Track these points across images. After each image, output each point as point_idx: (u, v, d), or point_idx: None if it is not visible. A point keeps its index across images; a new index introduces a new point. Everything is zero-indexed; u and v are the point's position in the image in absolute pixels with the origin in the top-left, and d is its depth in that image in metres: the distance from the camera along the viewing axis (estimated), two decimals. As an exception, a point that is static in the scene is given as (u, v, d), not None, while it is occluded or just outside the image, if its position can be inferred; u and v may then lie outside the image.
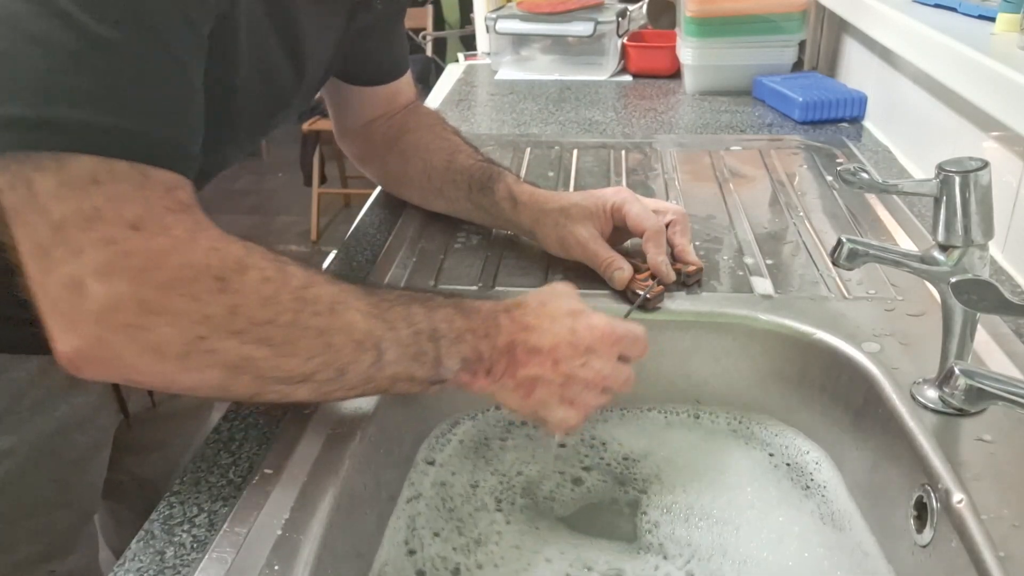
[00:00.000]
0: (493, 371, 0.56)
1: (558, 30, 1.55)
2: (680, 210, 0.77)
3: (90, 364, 0.46)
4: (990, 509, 0.49)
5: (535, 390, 0.57)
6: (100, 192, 0.45)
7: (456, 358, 0.55)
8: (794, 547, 0.59)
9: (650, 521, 0.62)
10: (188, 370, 0.47)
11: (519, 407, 0.58)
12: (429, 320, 0.54)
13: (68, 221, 0.44)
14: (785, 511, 0.62)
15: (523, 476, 0.67)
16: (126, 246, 0.45)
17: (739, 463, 0.68)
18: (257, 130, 0.71)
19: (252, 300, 0.48)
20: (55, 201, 0.44)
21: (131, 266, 0.45)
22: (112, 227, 0.45)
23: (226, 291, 0.47)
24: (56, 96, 0.44)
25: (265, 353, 0.48)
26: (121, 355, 0.46)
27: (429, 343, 0.54)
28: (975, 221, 0.54)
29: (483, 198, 0.82)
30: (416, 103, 0.92)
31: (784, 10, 1.36)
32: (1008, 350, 0.64)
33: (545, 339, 0.56)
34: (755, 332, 0.70)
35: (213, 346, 0.47)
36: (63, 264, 0.44)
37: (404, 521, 0.62)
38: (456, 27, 3.74)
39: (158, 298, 0.46)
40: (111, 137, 0.45)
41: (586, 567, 0.59)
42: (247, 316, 0.48)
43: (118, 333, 0.45)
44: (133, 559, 0.49)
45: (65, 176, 0.44)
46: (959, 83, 0.84)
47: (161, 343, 0.46)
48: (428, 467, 0.67)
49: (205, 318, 0.47)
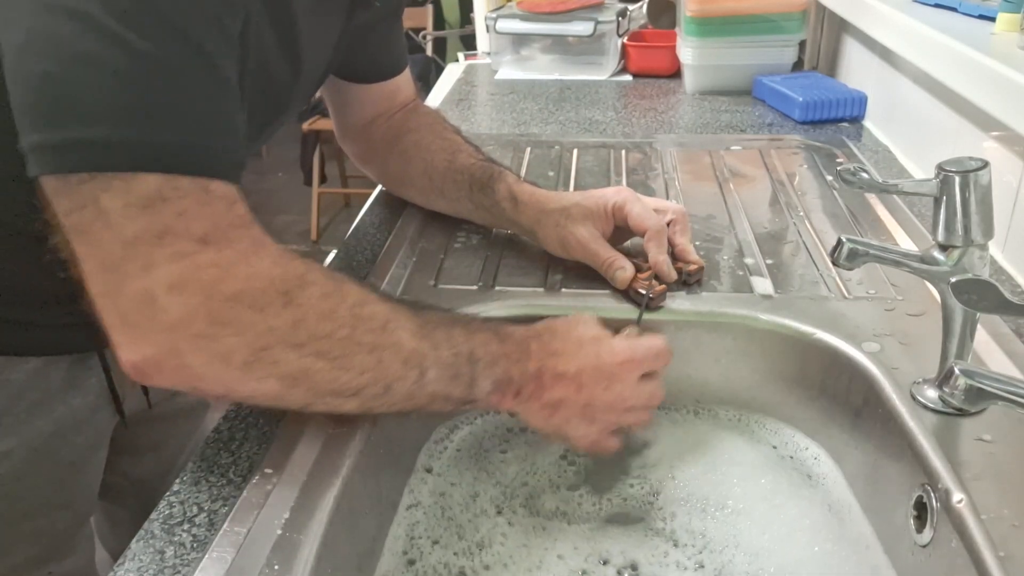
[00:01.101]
0: (521, 394, 0.59)
1: (558, 30, 1.55)
2: (681, 209, 0.77)
3: (159, 372, 0.48)
4: (990, 509, 0.49)
5: (559, 411, 0.60)
6: (168, 209, 0.46)
7: (489, 380, 0.57)
8: (802, 540, 0.59)
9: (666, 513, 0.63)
10: (249, 380, 0.49)
11: (543, 426, 0.61)
12: (468, 343, 0.57)
13: (139, 238, 0.46)
14: (789, 506, 0.62)
15: (528, 487, 0.66)
16: (197, 260, 0.47)
17: (745, 456, 0.68)
18: (256, 135, 0.70)
19: (313, 314, 0.50)
20: (125, 220, 0.46)
21: (202, 279, 0.47)
22: (182, 242, 0.47)
23: (290, 305, 0.49)
24: (112, 116, 0.45)
25: (322, 366, 0.50)
26: (190, 364, 0.48)
27: (467, 365, 0.56)
28: (975, 221, 0.54)
29: (484, 198, 0.82)
30: (416, 102, 0.92)
31: (784, 10, 1.36)
32: (1008, 350, 0.64)
33: (571, 365, 0.59)
34: (755, 332, 0.70)
35: (275, 357, 0.49)
36: (136, 279, 0.46)
37: (404, 529, 0.62)
38: (456, 27, 3.74)
39: (227, 310, 0.47)
40: (172, 153, 0.47)
41: (602, 560, 0.60)
42: (308, 330, 0.50)
43: (189, 343, 0.47)
44: (133, 559, 0.49)
45: (133, 195, 0.46)
46: (959, 83, 0.84)
47: (228, 352, 0.48)
48: (427, 475, 0.67)
49: (269, 330, 0.49)
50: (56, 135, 0.45)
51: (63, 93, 0.45)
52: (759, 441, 0.70)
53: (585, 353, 0.60)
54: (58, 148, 0.45)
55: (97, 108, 0.45)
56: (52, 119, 0.45)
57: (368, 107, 0.89)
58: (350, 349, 0.51)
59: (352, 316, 0.52)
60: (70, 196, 0.46)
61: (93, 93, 0.45)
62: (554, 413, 0.60)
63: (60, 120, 0.45)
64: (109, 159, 0.45)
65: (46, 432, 0.71)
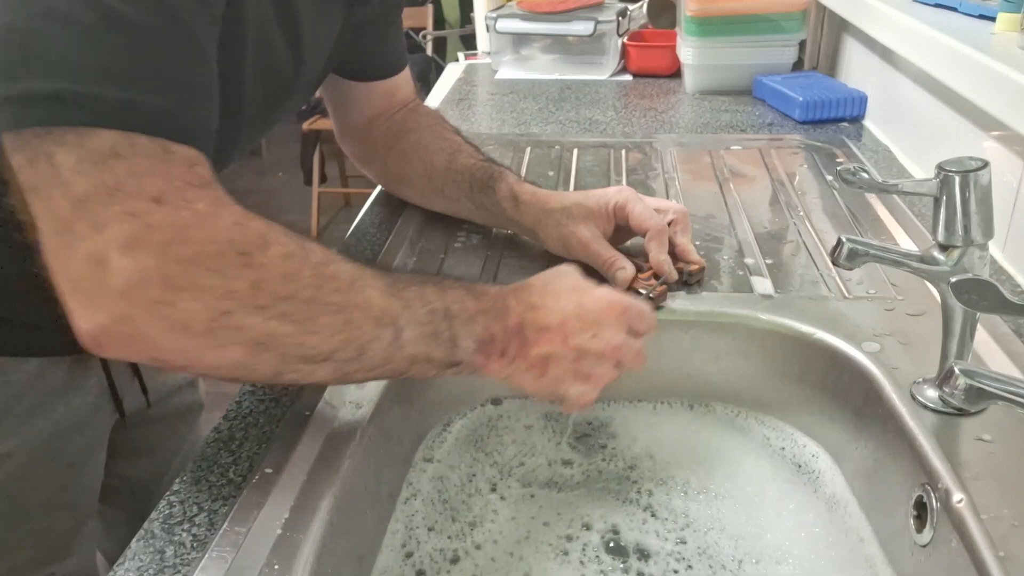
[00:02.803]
0: (506, 352, 0.56)
1: (558, 29, 1.55)
2: (682, 209, 0.77)
3: (114, 341, 0.45)
4: (990, 509, 0.49)
5: (549, 368, 0.57)
6: (122, 166, 0.44)
7: (470, 339, 0.54)
8: (802, 538, 0.59)
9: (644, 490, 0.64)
10: (212, 347, 0.46)
11: (536, 387, 0.58)
12: (442, 300, 0.54)
13: (90, 196, 0.43)
14: (787, 509, 0.62)
15: (524, 467, 0.67)
16: (149, 220, 0.44)
17: (739, 449, 0.68)
18: (260, 125, 0.70)
19: (275, 275, 0.48)
20: (77, 176, 0.43)
21: (156, 240, 0.44)
22: (135, 201, 0.44)
23: (250, 266, 0.47)
24: (75, 71, 0.44)
25: (288, 329, 0.48)
26: (146, 332, 0.45)
27: (444, 322, 0.53)
28: (975, 221, 0.54)
29: (485, 197, 0.82)
30: (416, 102, 0.92)
31: (784, 9, 1.36)
32: (1008, 350, 0.64)
33: (553, 316, 0.57)
34: (755, 332, 0.70)
35: (238, 322, 0.46)
36: (86, 239, 0.44)
37: (402, 523, 0.62)
38: (456, 26, 3.74)
39: (183, 272, 0.45)
40: (132, 112, 0.45)
41: (584, 526, 0.60)
42: (270, 291, 0.47)
43: (143, 309, 0.44)
44: (133, 558, 0.49)
45: (86, 150, 0.44)
46: (959, 83, 0.84)
47: (186, 319, 0.45)
48: (427, 464, 0.68)
49: (229, 293, 0.46)
50: (15, 88, 0.43)
51: (27, 46, 0.44)
52: (756, 440, 0.70)
53: (566, 302, 0.58)
54: (15, 101, 0.43)
55: (60, 62, 0.44)
56: (12, 72, 0.43)
57: (367, 106, 0.89)
58: (316, 310, 0.49)
59: (316, 275, 0.49)
60: (25, 151, 0.44)
61: (57, 47, 0.44)
62: (544, 371, 0.57)
63: (21, 73, 0.43)
64: (65, 113, 0.43)
65: (47, 433, 0.71)
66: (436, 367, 0.54)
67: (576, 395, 0.58)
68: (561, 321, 0.57)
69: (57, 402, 0.71)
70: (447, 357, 0.54)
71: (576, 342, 0.57)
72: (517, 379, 0.57)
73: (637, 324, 0.60)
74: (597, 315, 0.57)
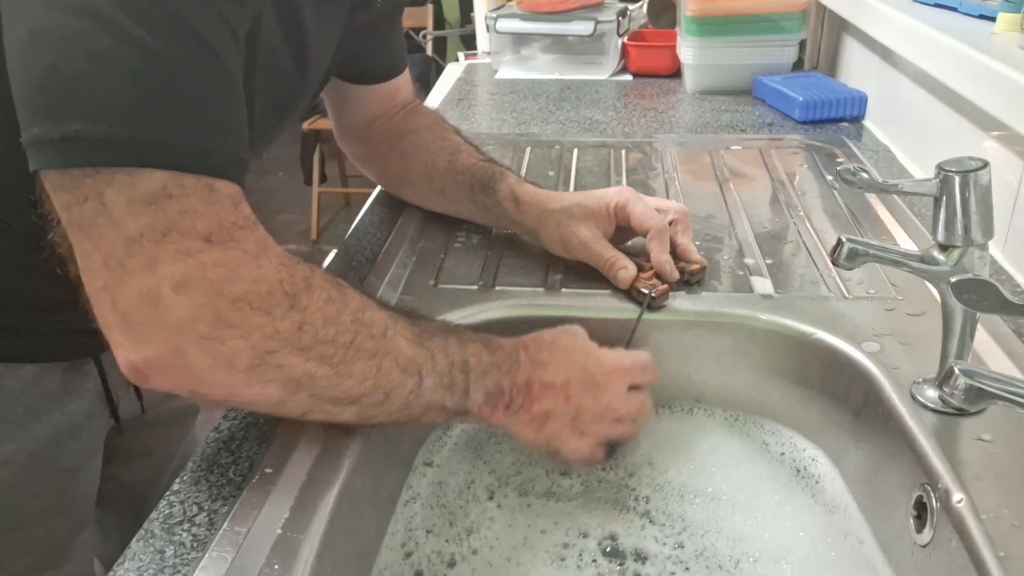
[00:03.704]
0: (511, 406, 0.59)
1: (558, 29, 1.55)
2: (683, 209, 0.77)
3: (160, 374, 0.47)
4: (990, 509, 0.49)
5: (548, 423, 0.60)
6: (173, 206, 0.46)
7: (481, 391, 0.57)
8: (800, 536, 0.59)
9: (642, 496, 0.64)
10: (252, 384, 0.48)
11: (532, 439, 0.61)
12: (462, 353, 0.57)
13: (143, 234, 0.45)
14: (787, 508, 0.62)
15: (521, 476, 0.67)
16: (203, 259, 0.46)
17: (737, 453, 0.68)
18: (264, 139, 0.71)
19: (318, 318, 0.50)
20: (128, 216, 0.45)
21: (209, 278, 0.46)
22: (187, 240, 0.46)
23: (295, 308, 0.49)
24: (121, 114, 0.45)
25: (325, 372, 0.50)
26: (194, 366, 0.46)
27: (461, 374, 0.56)
28: (975, 221, 0.54)
29: (485, 198, 0.82)
30: (416, 103, 0.92)
31: (784, 9, 1.36)
32: (1008, 350, 0.64)
33: (558, 375, 0.60)
34: (755, 332, 0.70)
35: (280, 361, 0.48)
36: (139, 276, 0.45)
37: (402, 524, 0.62)
38: (456, 26, 3.74)
39: (233, 311, 0.46)
40: (177, 151, 0.46)
41: (582, 534, 0.61)
42: (312, 334, 0.49)
43: (193, 344, 0.46)
44: (133, 558, 0.49)
45: (138, 191, 0.45)
46: (959, 83, 0.84)
47: (232, 355, 0.47)
48: (427, 468, 0.68)
49: (275, 333, 0.48)
50: (60, 129, 0.44)
51: (69, 87, 0.44)
52: (755, 441, 0.70)
53: (572, 363, 0.61)
54: (61, 142, 0.44)
55: (103, 104, 0.44)
56: (56, 113, 0.44)
57: (367, 108, 0.89)
58: (352, 355, 0.51)
59: (354, 321, 0.51)
60: (72, 191, 0.45)
61: (100, 89, 0.44)
62: (543, 426, 0.60)
63: (65, 114, 0.44)
64: (114, 154, 0.44)
65: (44, 438, 0.71)
66: (446, 415, 0.57)
67: (571, 448, 0.61)
68: (565, 380, 0.60)
69: (53, 407, 0.71)
70: (458, 407, 0.57)
71: (576, 402, 0.60)
72: (516, 429, 0.60)
73: (639, 380, 0.63)
74: (599, 378, 0.61)
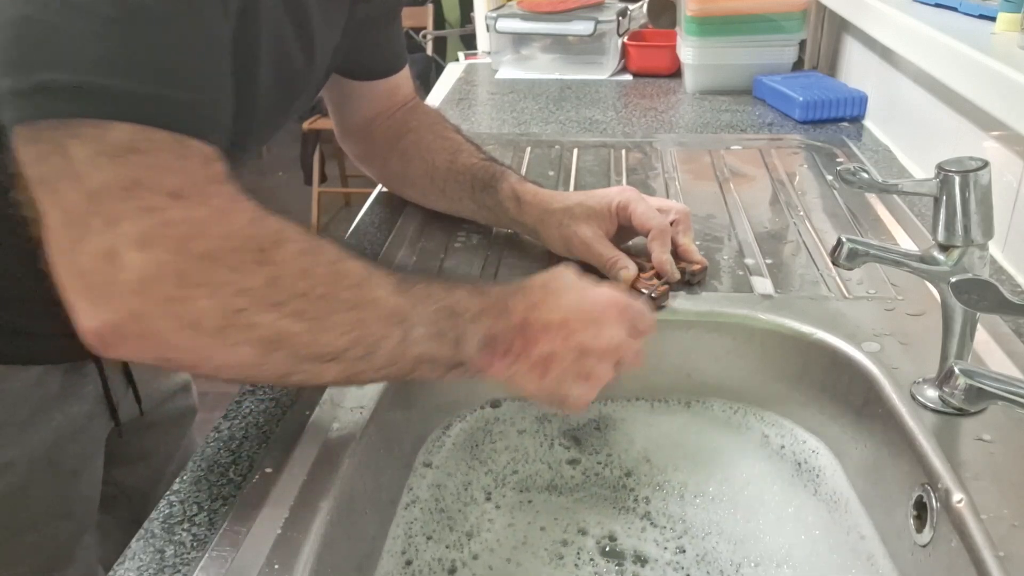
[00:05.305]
0: (510, 351, 0.55)
1: (558, 29, 1.55)
2: (684, 209, 0.77)
3: (122, 340, 0.44)
4: (990, 509, 0.49)
5: (551, 368, 0.55)
6: (140, 161, 0.43)
7: (475, 338, 0.53)
8: (802, 535, 0.59)
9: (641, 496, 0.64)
10: (224, 346, 0.45)
11: (537, 389, 0.56)
12: (448, 298, 0.53)
13: (106, 190, 0.42)
14: (788, 509, 0.62)
15: (517, 474, 0.67)
16: (166, 215, 0.43)
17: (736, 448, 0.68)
18: (270, 126, 0.70)
19: (290, 272, 0.47)
20: (92, 169, 0.42)
21: (172, 235, 0.43)
22: (152, 196, 0.43)
23: (266, 263, 0.46)
24: (94, 63, 0.43)
25: (300, 328, 0.47)
26: (157, 329, 0.44)
27: (449, 321, 0.52)
28: (975, 221, 0.54)
29: (487, 197, 0.81)
30: (416, 101, 0.92)
31: (784, 9, 1.36)
32: (1008, 350, 0.64)
33: (555, 313, 0.56)
34: (755, 332, 0.70)
35: (251, 319, 0.45)
36: (98, 234, 0.42)
37: (402, 529, 0.62)
38: (456, 26, 3.74)
39: (199, 269, 0.44)
40: (151, 105, 0.44)
41: (580, 531, 0.60)
42: (285, 288, 0.46)
43: (156, 306, 0.43)
44: (133, 558, 0.49)
45: (103, 144, 0.43)
46: (959, 83, 0.84)
47: (199, 316, 0.44)
48: (426, 470, 0.67)
49: (245, 290, 0.45)
50: (29, 79, 0.42)
51: (42, 36, 0.42)
52: (755, 437, 0.70)
53: (568, 299, 0.57)
54: (29, 93, 0.42)
55: (76, 53, 0.42)
56: (27, 63, 0.42)
57: (367, 106, 0.89)
58: (329, 308, 0.48)
59: (330, 273, 0.48)
60: (37, 144, 0.43)
61: (73, 38, 0.43)
62: (546, 371, 0.55)
63: (35, 64, 0.42)
64: (81, 105, 0.42)
65: (47, 442, 0.70)
66: (440, 368, 0.53)
67: (577, 396, 0.57)
68: (563, 318, 0.56)
69: (55, 410, 0.71)
70: (452, 357, 0.53)
71: (578, 340, 0.56)
72: (519, 380, 0.56)
73: (638, 323, 0.59)
74: (598, 313, 0.57)
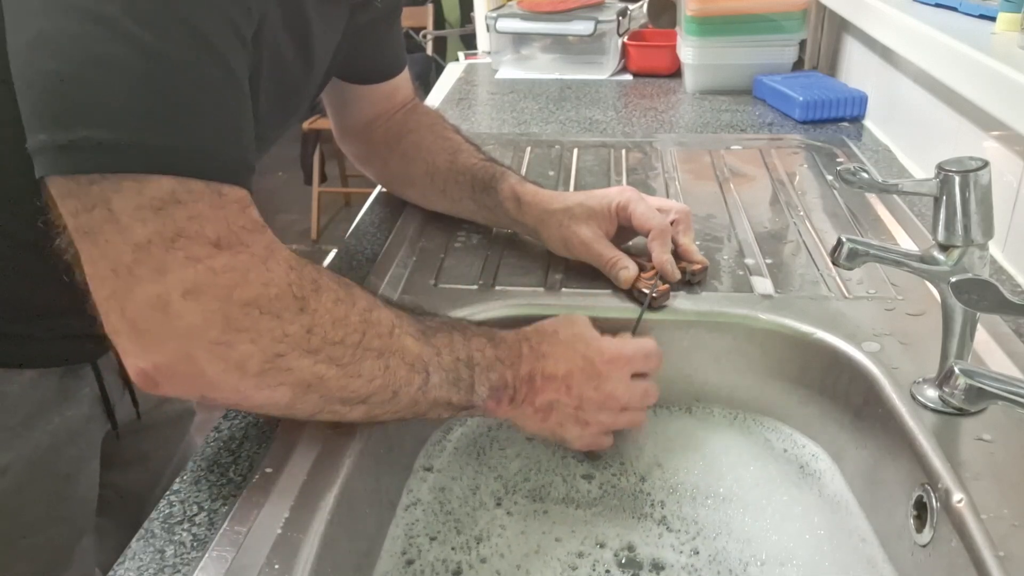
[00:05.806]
0: (515, 398, 0.59)
1: (558, 29, 1.55)
2: (684, 209, 0.77)
3: (170, 379, 0.47)
4: (990, 509, 0.49)
5: (552, 414, 0.61)
6: (181, 212, 0.45)
7: (486, 385, 0.58)
8: (803, 535, 0.59)
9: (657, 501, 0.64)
10: (263, 387, 0.48)
11: (537, 430, 0.62)
12: (467, 348, 0.57)
13: (151, 241, 0.45)
14: (796, 509, 0.62)
15: (529, 483, 0.66)
16: (212, 264, 0.46)
17: (739, 451, 0.68)
18: (268, 140, 0.70)
19: (327, 320, 0.50)
20: (135, 222, 0.45)
21: (217, 284, 0.46)
22: (195, 246, 0.46)
23: (305, 311, 0.49)
24: (130, 119, 0.44)
25: (334, 373, 0.50)
26: (204, 371, 0.46)
27: (466, 369, 0.57)
28: (975, 221, 0.54)
29: (487, 198, 0.82)
30: (416, 102, 0.92)
31: (785, 9, 1.36)
32: (1008, 350, 0.64)
33: (560, 366, 0.60)
34: (755, 332, 0.70)
35: (290, 364, 0.48)
36: (148, 283, 0.45)
37: (402, 529, 0.62)
38: (456, 26, 3.74)
39: (243, 315, 0.46)
40: (186, 157, 0.46)
41: (599, 543, 0.60)
42: (322, 335, 0.49)
43: (204, 350, 0.46)
44: (133, 558, 0.49)
45: (144, 197, 0.45)
46: (959, 82, 0.84)
47: (243, 360, 0.47)
48: (427, 473, 0.67)
49: (285, 336, 0.48)
50: (67, 135, 0.44)
51: (76, 93, 0.44)
52: (757, 440, 0.70)
53: (573, 354, 0.61)
54: (68, 148, 0.44)
55: (111, 109, 0.44)
56: (63, 119, 0.44)
57: (367, 108, 0.89)
58: (361, 355, 0.51)
59: (362, 321, 0.52)
60: (79, 197, 0.44)
61: (107, 94, 0.44)
62: (547, 417, 0.61)
63: (72, 120, 0.44)
64: (121, 160, 0.44)
65: (43, 445, 0.70)
66: (452, 410, 0.58)
67: (574, 438, 0.62)
68: (567, 371, 0.60)
69: (51, 413, 0.71)
70: (464, 401, 0.57)
71: (578, 392, 0.60)
72: (521, 422, 0.61)
73: (641, 368, 0.63)
74: (601, 368, 0.61)
